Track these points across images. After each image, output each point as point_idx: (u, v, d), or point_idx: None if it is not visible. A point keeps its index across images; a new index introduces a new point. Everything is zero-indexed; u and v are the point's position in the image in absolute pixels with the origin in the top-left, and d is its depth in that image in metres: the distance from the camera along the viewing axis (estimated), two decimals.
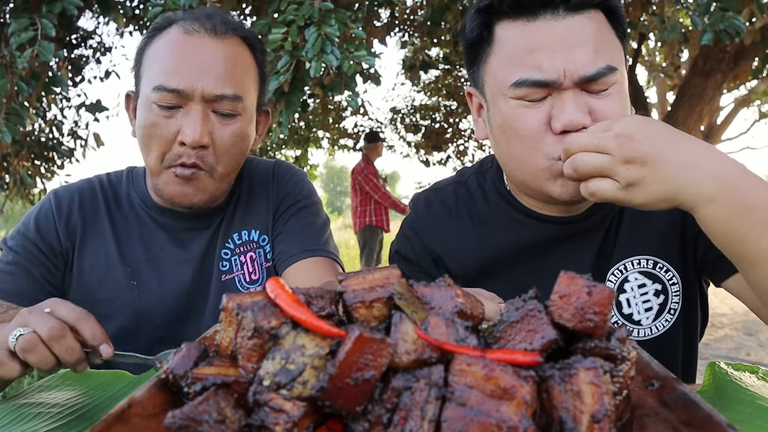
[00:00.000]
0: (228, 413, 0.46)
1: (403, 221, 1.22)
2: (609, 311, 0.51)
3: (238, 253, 1.22)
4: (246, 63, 1.13)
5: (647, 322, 1.03)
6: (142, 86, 1.10)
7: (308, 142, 9.03)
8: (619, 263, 1.04)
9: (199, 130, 1.04)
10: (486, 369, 0.45)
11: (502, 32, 0.94)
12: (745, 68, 5.40)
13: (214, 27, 1.08)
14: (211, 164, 1.10)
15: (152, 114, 1.07)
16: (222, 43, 1.08)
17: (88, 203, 1.20)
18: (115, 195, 1.23)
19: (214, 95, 1.06)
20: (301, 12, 2.21)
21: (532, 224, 1.07)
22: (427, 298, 0.55)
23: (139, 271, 1.17)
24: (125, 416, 0.48)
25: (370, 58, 2.23)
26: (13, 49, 2.42)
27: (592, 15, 0.91)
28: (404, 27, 6.11)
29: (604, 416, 0.44)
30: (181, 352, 0.54)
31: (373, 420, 0.46)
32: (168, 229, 1.20)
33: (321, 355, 0.48)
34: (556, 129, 0.90)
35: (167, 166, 1.09)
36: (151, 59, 1.09)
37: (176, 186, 1.10)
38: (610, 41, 0.92)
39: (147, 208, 1.20)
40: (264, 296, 0.54)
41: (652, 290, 1.03)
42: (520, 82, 0.90)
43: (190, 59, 1.05)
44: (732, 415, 0.66)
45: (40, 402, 0.83)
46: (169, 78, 1.05)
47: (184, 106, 1.06)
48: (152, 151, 1.08)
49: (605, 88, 0.91)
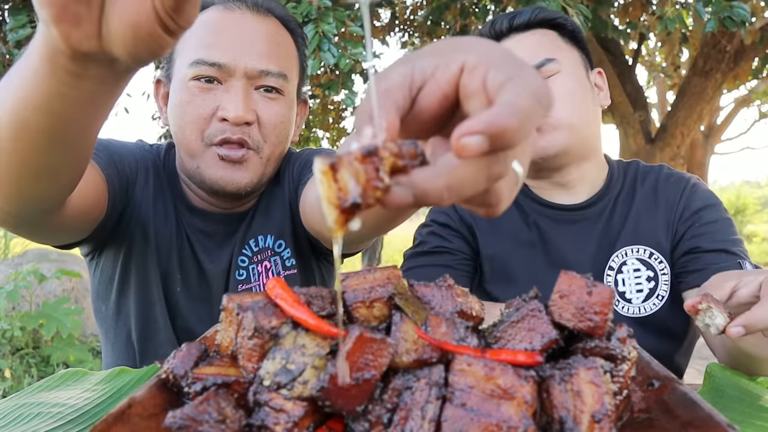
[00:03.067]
0: (228, 413, 0.46)
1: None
2: (609, 311, 0.51)
3: (256, 261, 1.14)
4: (289, 45, 1.07)
5: (637, 302, 1.17)
6: (177, 66, 1.02)
7: (308, 142, 9.04)
8: (622, 249, 1.18)
9: (242, 104, 0.96)
10: (486, 369, 0.45)
11: None
12: (745, 68, 5.41)
13: (255, 3, 1.02)
14: (259, 141, 1.01)
15: (188, 92, 0.98)
16: (264, 21, 1.02)
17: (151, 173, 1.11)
18: (166, 168, 1.13)
19: (258, 70, 0.98)
20: (299, 9, 2.22)
21: (536, 208, 1.23)
22: (427, 298, 0.55)
23: (183, 267, 1.11)
24: (125, 416, 0.48)
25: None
26: (11, 47, 2.42)
27: (535, 33, 1.17)
28: (404, 27, 6.11)
29: (604, 416, 0.44)
30: (181, 352, 0.54)
31: (373, 420, 0.46)
32: (197, 232, 1.12)
33: (321, 355, 0.48)
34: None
35: (209, 144, 0.99)
36: (188, 37, 1.00)
37: (221, 170, 1.00)
38: (552, 45, 1.17)
39: (179, 204, 1.12)
40: (264, 296, 0.54)
41: (645, 276, 1.17)
42: None
43: (231, 33, 0.98)
44: (731, 415, 0.66)
45: (40, 402, 0.83)
46: (210, 52, 0.97)
47: (224, 82, 0.98)
48: (189, 131, 0.99)
49: (552, 74, 1.13)
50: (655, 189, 1.23)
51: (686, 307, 0.74)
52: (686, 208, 1.18)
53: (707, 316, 0.70)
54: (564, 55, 1.16)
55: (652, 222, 1.19)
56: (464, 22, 4.02)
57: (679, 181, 1.22)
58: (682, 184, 1.22)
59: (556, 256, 1.19)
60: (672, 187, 1.22)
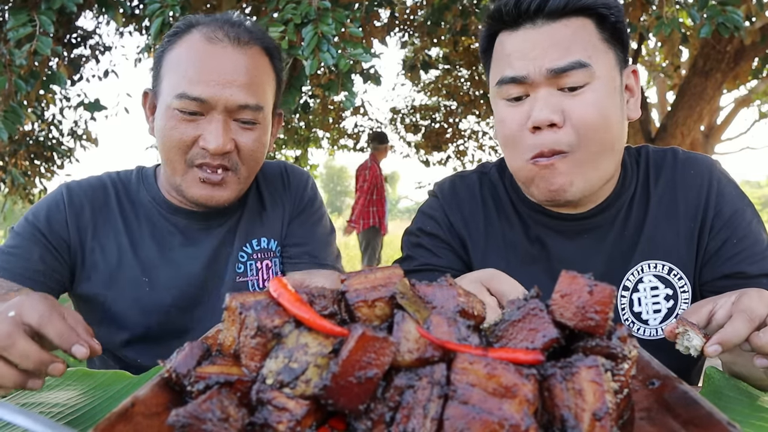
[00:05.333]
0: (231, 412, 0.46)
1: (422, 207, 1.22)
2: (610, 310, 0.51)
3: (255, 258, 1.24)
4: (266, 72, 1.14)
5: (654, 323, 1.05)
6: (163, 91, 1.11)
7: (308, 142, 9.04)
8: (638, 264, 1.06)
9: (222, 138, 1.06)
10: (488, 367, 0.45)
11: (498, 41, 1.04)
12: (745, 68, 5.41)
13: (237, 36, 1.09)
14: (237, 164, 1.11)
15: (173, 120, 1.08)
16: (244, 53, 1.09)
17: (101, 201, 1.20)
18: (127, 193, 1.23)
19: (237, 105, 1.07)
20: (298, 10, 2.22)
21: (540, 219, 1.10)
22: (428, 297, 0.56)
23: (151, 267, 1.18)
24: (128, 415, 0.48)
25: (367, 55, 2.24)
26: (12, 47, 2.41)
27: (570, 22, 0.97)
28: (404, 27, 6.11)
29: (605, 414, 0.44)
30: (183, 351, 0.54)
31: (375, 418, 0.46)
32: (180, 228, 1.21)
33: (324, 354, 0.48)
34: (527, 126, 0.97)
35: (191, 165, 1.10)
36: (173, 64, 1.10)
37: (201, 189, 1.11)
38: (588, 43, 0.96)
39: (159, 207, 1.21)
40: (267, 295, 0.54)
41: (663, 294, 1.05)
42: (500, 80, 1.00)
43: (212, 68, 1.06)
44: (731, 415, 0.66)
45: (40, 402, 0.83)
46: (192, 86, 1.05)
47: (206, 114, 1.07)
48: (173, 154, 1.09)
49: (579, 86, 0.95)
50: (673, 187, 1.08)
51: (665, 332, 0.75)
52: (717, 216, 1.04)
53: (685, 338, 0.72)
54: (599, 59, 0.96)
55: (672, 230, 1.05)
56: (464, 22, 4.02)
57: (700, 175, 1.07)
58: (704, 179, 1.07)
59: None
60: (692, 183, 1.07)
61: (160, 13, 2.30)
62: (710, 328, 0.77)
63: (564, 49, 0.94)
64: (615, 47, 1.00)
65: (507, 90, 1.00)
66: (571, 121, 0.95)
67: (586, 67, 0.94)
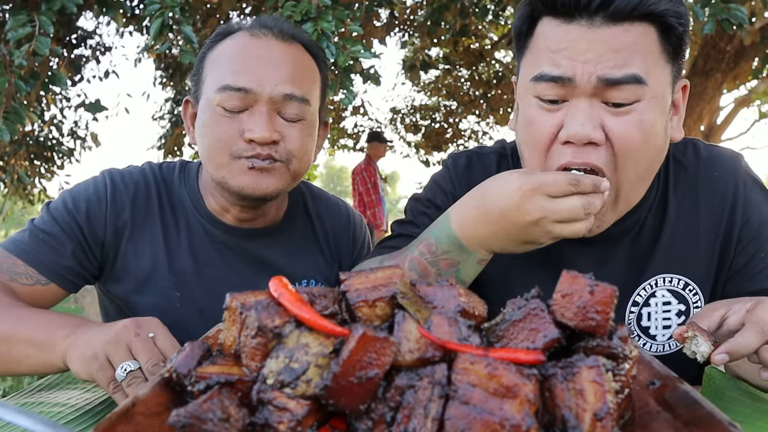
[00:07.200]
0: (232, 412, 0.46)
1: (434, 175, 1.17)
2: (611, 310, 0.51)
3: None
4: (311, 69, 1.11)
5: (662, 339, 1.00)
6: (205, 89, 1.07)
7: None
8: (652, 278, 0.99)
9: (267, 126, 1.01)
10: (489, 367, 0.45)
11: (541, 28, 0.91)
12: (745, 68, 5.41)
13: (281, 30, 1.07)
14: (287, 155, 1.05)
15: (215, 115, 1.04)
16: (289, 46, 1.07)
17: (143, 201, 1.14)
18: (168, 195, 1.17)
19: (283, 95, 1.03)
20: (299, 8, 2.22)
21: None
22: (429, 297, 0.56)
23: (184, 282, 1.13)
24: (129, 415, 0.48)
25: (366, 52, 2.24)
26: (12, 47, 2.41)
27: (633, 27, 0.85)
28: (404, 27, 6.11)
29: (606, 414, 0.44)
30: (184, 351, 0.54)
31: (376, 418, 0.46)
32: (218, 243, 1.15)
33: (325, 354, 0.48)
34: (560, 138, 0.87)
35: (236, 157, 1.04)
36: (215, 61, 1.07)
37: (248, 177, 1.04)
38: (648, 56, 0.85)
39: (199, 216, 1.15)
40: (268, 295, 0.54)
41: (675, 310, 0.99)
42: (539, 76, 0.88)
43: (257, 59, 1.03)
44: (731, 415, 0.66)
45: (40, 402, 0.83)
46: (236, 77, 1.02)
47: (249, 108, 1.03)
48: (216, 149, 1.04)
49: (627, 103, 0.85)
50: (694, 190, 0.99)
51: (674, 335, 0.73)
52: (745, 227, 0.97)
53: (693, 344, 0.71)
54: (656, 75, 0.86)
55: (691, 240, 0.98)
56: (464, 22, 4.02)
57: (724, 178, 0.99)
58: (728, 184, 0.98)
59: None
60: (715, 186, 0.98)
61: (159, 14, 2.30)
62: (720, 332, 0.75)
63: (621, 58, 0.83)
64: (673, 62, 0.89)
65: (544, 89, 0.88)
66: (611, 141, 0.86)
67: (641, 83, 0.84)
